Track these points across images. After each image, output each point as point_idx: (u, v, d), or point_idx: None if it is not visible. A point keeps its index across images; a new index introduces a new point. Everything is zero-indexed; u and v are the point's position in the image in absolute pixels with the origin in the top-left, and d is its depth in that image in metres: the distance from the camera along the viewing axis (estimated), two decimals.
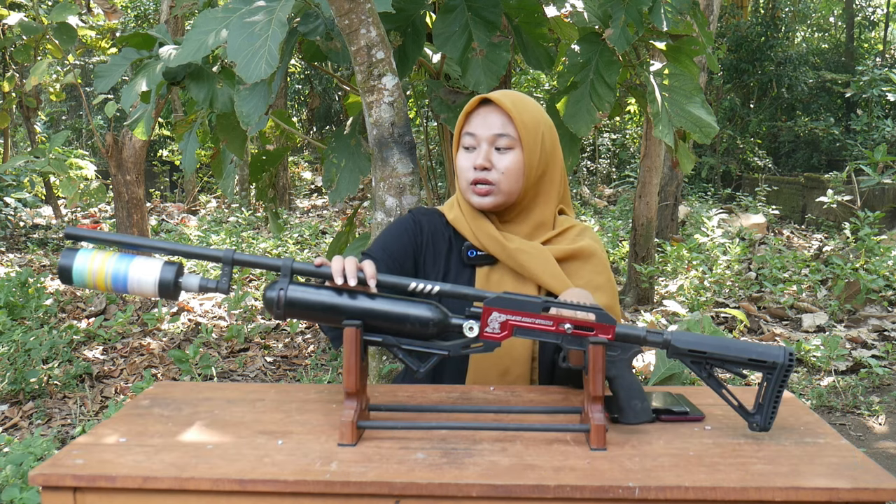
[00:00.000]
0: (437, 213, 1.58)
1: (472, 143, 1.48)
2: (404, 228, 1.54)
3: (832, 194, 6.55)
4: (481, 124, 1.47)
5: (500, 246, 1.47)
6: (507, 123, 1.46)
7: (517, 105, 1.46)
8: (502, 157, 1.46)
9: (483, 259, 1.49)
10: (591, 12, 2.90)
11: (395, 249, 1.49)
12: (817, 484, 0.99)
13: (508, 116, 1.46)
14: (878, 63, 12.29)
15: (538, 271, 1.45)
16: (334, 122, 14.03)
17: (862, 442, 3.19)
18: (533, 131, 1.46)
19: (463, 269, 1.51)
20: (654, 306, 5.18)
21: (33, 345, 3.51)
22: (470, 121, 1.49)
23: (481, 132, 1.47)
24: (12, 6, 7.25)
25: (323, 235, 7.84)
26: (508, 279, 1.48)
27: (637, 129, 12.17)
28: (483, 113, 1.48)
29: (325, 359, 3.96)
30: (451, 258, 1.52)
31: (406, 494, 0.98)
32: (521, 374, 1.47)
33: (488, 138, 1.46)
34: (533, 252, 1.46)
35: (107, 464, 1.03)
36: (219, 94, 2.97)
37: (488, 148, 1.46)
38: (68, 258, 1.12)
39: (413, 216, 1.57)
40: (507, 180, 1.46)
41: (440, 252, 1.53)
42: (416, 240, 1.53)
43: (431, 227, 1.55)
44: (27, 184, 8.23)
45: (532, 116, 1.47)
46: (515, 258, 1.46)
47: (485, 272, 1.49)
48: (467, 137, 1.49)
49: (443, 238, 1.54)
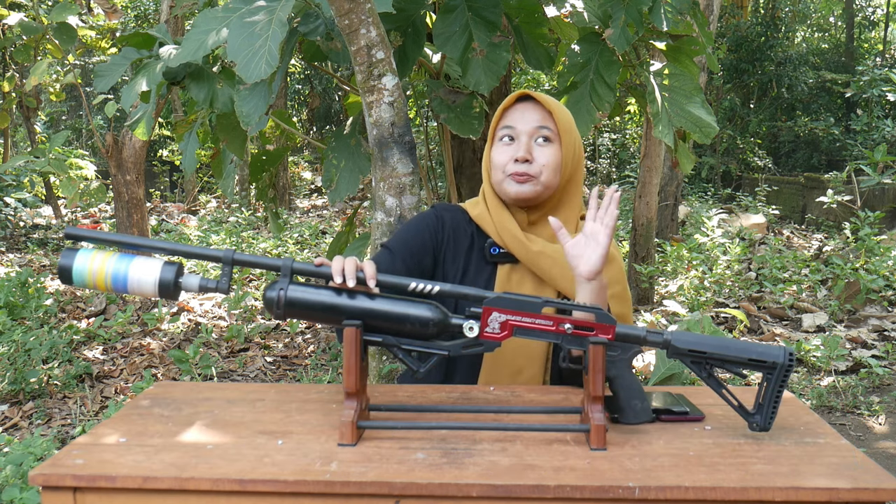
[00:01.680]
0: (459, 209, 1.58)
1: (512, 135, 1.48)
2: (426, 224, 1.54)
3: (832, 194, 6.55)
4: (521, 119, 1.48)
5: (523, 247, 1.47)
6: (546, 118, 1.48)
7: (555, 104, 1.49)
8: (542, 150, 1.47)
9: (505, 257, 1.50)
10: (591, 12, 2.90)
11: (415, 244, 1.50)
12: (817, 484, 0.99)
13: (548, 112, 1.48)
14: (878, 63, 12.29)
15: (558, 277, 1.45)
16: (334, 122, 14.03)
17: (862, 442, 3.19)
18: (569, 129, 1.49)
19: (484, 267, 1.51)
20: (654, 306, 5.18)
21: (33, 345, 3.51)
22: (507, 116, 1.50)
23: (521, 126, 1.48)
24: (12, 6, 7.25)
25: (323, 235, 7.84)
26: (528, 280, 1.48)
27: (637, 129, 12.17)
28: (521, 108, 1.49)
29: (325, 359, 3.96)
30: (473, 255, 1.52)
31: (406, 494, 0.98)
32: (535, 374, 1.47)
33: (529, 131, 1.47)
34: (555, 256, 1.46)
35: (107, 464, 1.03)
36: (219, 94, 2.97)
37: (528, 141, 1.47)
38: (68, 258, 1.12)
39: (436, 211, 1.57)
40: (547, 173, 1.47)
41: (461, 248, 1.53)
42: (437, 236, 1.53)
43: (454, 222, 1.55)
44: (27, 184, 8.22)
45: (567, 118, 1.50)
46: (537, 262, 1.46)
47: (506, 271, 1.49)
48: (505, 130, 1.49)
49: (465, 234, 1.54)
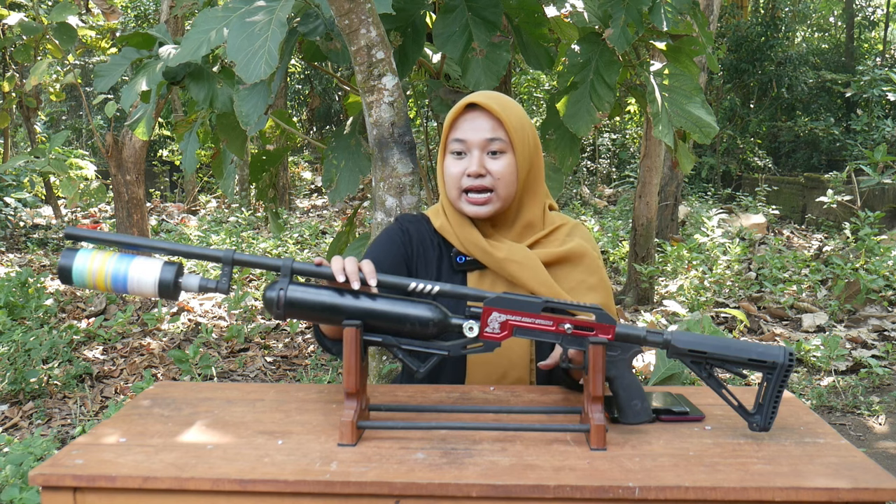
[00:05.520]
0: (424, 219, 1.55)
1: (462, 149, 1.43)
2: (392, 239, 1.51)
3: (832, 194, 6.55)
4: (470, 129, 1.43)
5: (488, 255, 1.44)
6: (497, 127, 1.42)
7: (504, 107, 1.43)
8: (495, 162, 1.42)
9: (473, 264, 1.47)
10: (591, 12, 2.90)
11: (388, 260, 1.46)
12: (817, 484, 0.99)
13: (498, 120, 1.42)
14: (878, 63, 12.29)
15: (527, 280, 1.42)
16: (334, 122, 14.02)
17: (862, 442, 3.19)
18: (521, 132, 1.44)
19: (454, 275, 1.49)
20: (654, 306, 5.18)
21: (33, 345, 3.51)
22: (457, 126, 1.45)
23: (472, 137, 1.42)
24: (12, 6, 7.24)
25: (323, 235, 7.83)
26: (500, 284, 1.46)
27: (637, 129, 12.17)
28: (471, 117, 1.44)
29: (325, 359, 3.96)
30: (442, 264, 1.50)
31: (406, 494, 0.98)
32: (520, 377, 1.46)
33: (480, 143, 1.42)
34: (522, 261, 1.43)
35: (107, 464, 1.03)
36: (219, 93, 2.96)
37: (480, 154, 1.42)
38: (68, 258, 1.12)
39: (400, 224, 1.54)
40: (503, 185, 1.43)
41: (430, 259, 1.51)
42: (407, 249, 1.50)
43: (419, 234, 1.52)
44: (27, 184, 8.22)
45: (518, 117, 1.44)
46: (504, 268, 1.43)
47: (476, 277, 1.47)
48: (456, 143, 1.44)
49: (432, 245, 1.52)
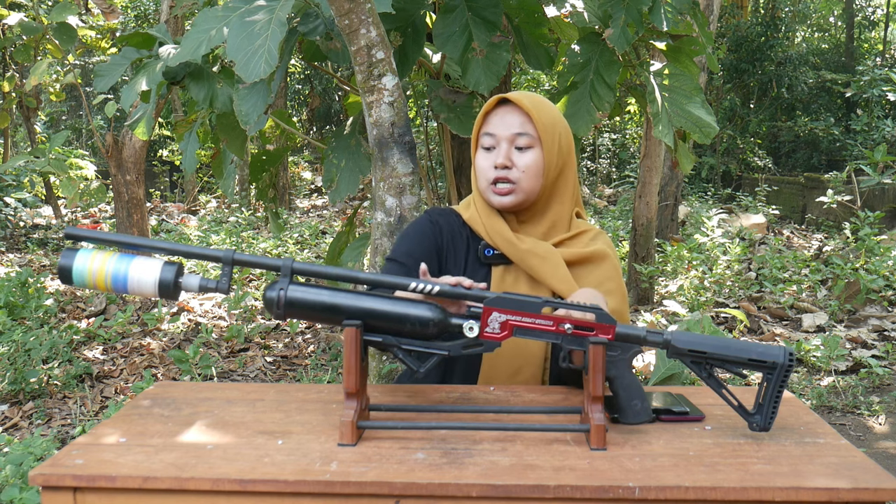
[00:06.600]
0: (452, 212, 1.59)
1: (492, 143, 1.49)
2: (423, 231, 1.55)
3: (832, 194, 6.55)
4: (500, 124, 1.48)
5: (513, 247, 1.47)
6: (526, 122, 1.47)
7: (535, 105, 1.48)
8: (522, 156, 1.47)
9: (499, 258, 1.50)
10: (591, 12, 2.90)
11: (421, 253, 1.50)
12: (817, 484, 0.99)
13: (527, 116, 1.47)
14: (878, 63, 12.29)
15: (547, 275, 1.45)
16: (334, 122, 14.02)
17: (862, 442, 3.19)
18: (551, 131, 1.48)
19: (479, 268, 1.52)
20: (654, 306, 5.18)
21: (33, 345, 3.51)
22: (488, 121, 1.50)
23: (501, 131, 1.48)
24: (12, 6, 7.24)
25: (323, 235, 7.83)
26: (523, 280, 1.49)
27: (637, 129, 12.17)
28: (501, 113, 1.49)
29: (325, 359, 3.96)
30: (469, 258, 1.53)
31: (406, 494, 0.98)
32: (534, 374, 1.47)
33: (508, 137, 1.47)
34: (544, 255, 1.46)
35: (107, 464, 1.03)
36: (219, 93, 2.97)
37: (508, 147, 1.47)
38: (68, 258, 1.12)
39: (430, 217, 1.57)
40: (528, 178, 1.47)
41: (460, 252, 1.54)
42: (438, 241, 1.54)
43: (449, 227, 1.56)
44: (27, 184, 8.22)
45: (550, 116, 1.49)
46: (526, 260, 1.47)
47: (500, 272, 1.50)
48: (486, 138, 1.50)
49: (460, 237, 1.55)
